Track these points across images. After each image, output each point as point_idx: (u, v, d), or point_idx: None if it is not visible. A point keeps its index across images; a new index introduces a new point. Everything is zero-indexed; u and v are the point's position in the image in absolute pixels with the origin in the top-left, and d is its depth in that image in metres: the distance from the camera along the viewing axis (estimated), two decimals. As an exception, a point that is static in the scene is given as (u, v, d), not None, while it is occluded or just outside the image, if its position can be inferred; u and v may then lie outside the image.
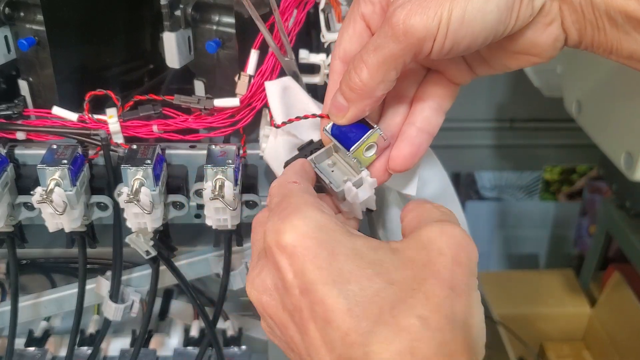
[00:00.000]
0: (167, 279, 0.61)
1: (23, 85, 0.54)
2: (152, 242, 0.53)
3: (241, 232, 0.55)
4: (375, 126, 0.40)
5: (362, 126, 0.40)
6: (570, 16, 0.35)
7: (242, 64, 0.51)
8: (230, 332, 0.73)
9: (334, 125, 0.41)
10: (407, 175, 0.49)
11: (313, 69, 0.53)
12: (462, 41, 0.34)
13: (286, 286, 0.31)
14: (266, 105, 0.51)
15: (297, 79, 0.51)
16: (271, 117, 0.49)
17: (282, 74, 0.52)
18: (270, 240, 0.31)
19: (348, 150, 0.40)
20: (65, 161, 0.47)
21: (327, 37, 0.53)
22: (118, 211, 0.52)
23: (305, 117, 0.44)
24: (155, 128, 0.51)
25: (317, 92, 0.60)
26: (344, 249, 0.31)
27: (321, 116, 0.42)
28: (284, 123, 0.45)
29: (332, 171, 0.42)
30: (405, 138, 0.41)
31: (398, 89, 0.40)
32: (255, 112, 0.51)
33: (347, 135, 0.40)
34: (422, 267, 0.30)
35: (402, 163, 0.40)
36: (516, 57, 0.38)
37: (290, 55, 0.51)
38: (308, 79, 0.53)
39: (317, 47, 0.57)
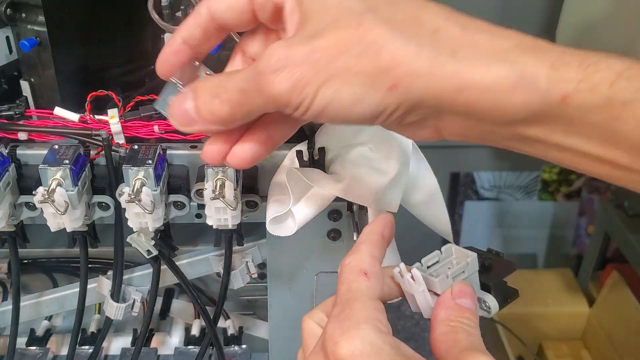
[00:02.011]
0: (168, 278, 0.61)
1: (25, 86, 0.55)
2: (153, 242, 0.54)
3: (241, 232, 0.55)
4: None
5: None
6: (451, 130, 0.35)
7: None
8: (230, 331, 0.74)
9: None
10: (390, 194, 0.50)
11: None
12: (325, 118, 0.33)
13: None
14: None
15: None
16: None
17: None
18: (328, 346, 0.33)
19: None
20: (66, 161, 0.48)
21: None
22: (119, 211, 0.52)
23: None
24: (156, 128, 0.51)
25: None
26: None
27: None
28: None
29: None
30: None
31: None
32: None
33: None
34: None
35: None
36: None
37: None
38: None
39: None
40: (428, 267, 0.37)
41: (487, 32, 0.32)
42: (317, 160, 0.51)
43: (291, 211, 0.48)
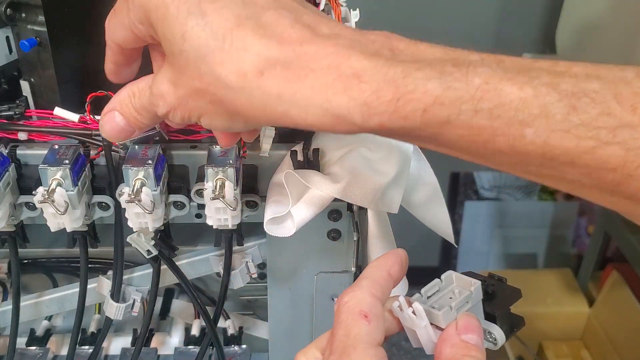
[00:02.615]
0: (168, 278, 0.61)
1: (25, 86, 0.55)
2: (153, 242, 0.54)
3: (242, 232, 0.55)
4: None
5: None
6: None
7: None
8: (230, 331, 0.74)
9: None
10: (390, 195, 0.50)
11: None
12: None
13: None
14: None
15: None
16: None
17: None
18: None
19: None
20: (66, 161, 0.48)
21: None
22: (119, 211, 0.52)
23: None
24: (157, 127, 0.51)
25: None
26: None
27: None
28: None
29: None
30: None
31: None
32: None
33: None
34: None
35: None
36: None
37: None
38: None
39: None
40: (428, 298, 0.35)
41: (311, 69, 0.32)
42: (311, 162, 0.51)
43: (290, 212, 0.48)
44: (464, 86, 0.30)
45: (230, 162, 0.48)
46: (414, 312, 0.34)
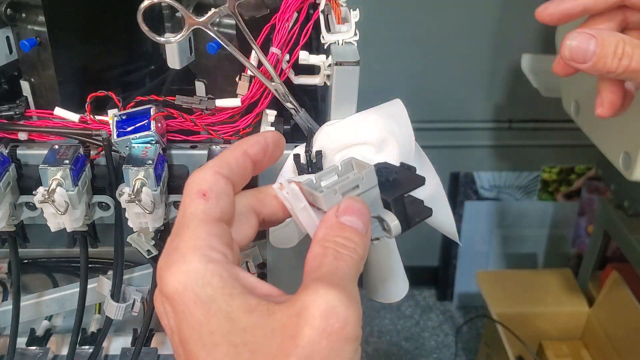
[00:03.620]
0: (168, 279, 0.61)
1: (25, 86, 0.55)
2: (153, 242, 0.54)
3: (242, 232, 0.55)
4: None
5: None
6: None
7: (242, 65, 0.52)
8: (230, 331, 0.74)
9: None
10: None
11: (313, 70, 0.54)
12: None
13: (169, 327, 0.32)
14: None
15: (286, 101, 0.52)
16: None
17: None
18: (158, 282, 0.31)
19: None
20: (67, 161, 0.48)
21: (327, 38, 0.53)
22: (119, 211, 0.52)
23: None
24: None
25: (316, 93, 0.61)
26: (219, 311, 0.30)
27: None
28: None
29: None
30: None
31: None
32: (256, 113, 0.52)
33: None
34: (289, 338, 0.30)
35: None
36: None
37: (276, 80, 0.51)
38: (308, 80, 0.54)
39: (317, 48, 0.57)
40: (323, 183, 0.32)
41: None
42: (314, 164, 0.51)
43: (293, 223, 0.48)
44: None
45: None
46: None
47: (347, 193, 0.32)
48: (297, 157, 0.51)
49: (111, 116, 0.51)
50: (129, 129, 0.49)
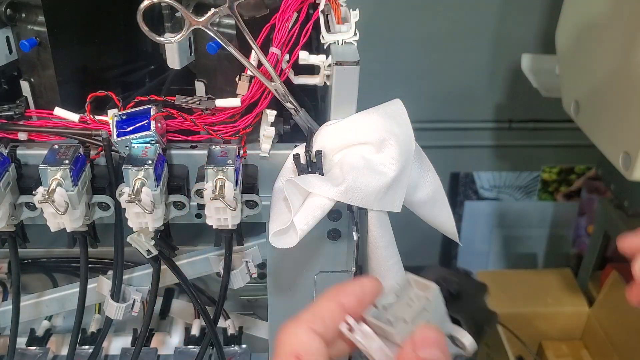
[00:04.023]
0: (168, 278, 0.61)
1: (25, 86, 0.55)
2: (153, 242, 0.54)
3: (241, 232, 0.55)
4: None
5: None
6: None
7: (242, 65, 0.52)
8: (230, 331, 0.74)
9: None
10: (392, 194, 0.50)
11: (313, 70, 0.54)
12: None
13: None
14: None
15: (286, 101, 0.52)
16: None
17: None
18: None
19: None
20: (66, 161, 0.48)
21: (326, 38, 0.53)
22: (119, 211, 0.52)
23: None
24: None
25: (316, 93, 0.61)
26: None
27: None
28: None
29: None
30: None
31: None
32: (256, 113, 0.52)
33: None
34: None
35: None
36: None
37: (276, 80, 0.51)
38: (308, 80, 0.54)
39: (317, 48, 0.57)
40: (385, 309, 0.32)
41: None
42: (314, 164, 0.51)
43: (293, 222, 0.48)
44: None
45: (230, 162, 0.48)
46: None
47: (418, 318, 0.31)
48: (297, 157, 0.51)
49: (111, 116, 0.51)
50: (129, 129, 0.49)
